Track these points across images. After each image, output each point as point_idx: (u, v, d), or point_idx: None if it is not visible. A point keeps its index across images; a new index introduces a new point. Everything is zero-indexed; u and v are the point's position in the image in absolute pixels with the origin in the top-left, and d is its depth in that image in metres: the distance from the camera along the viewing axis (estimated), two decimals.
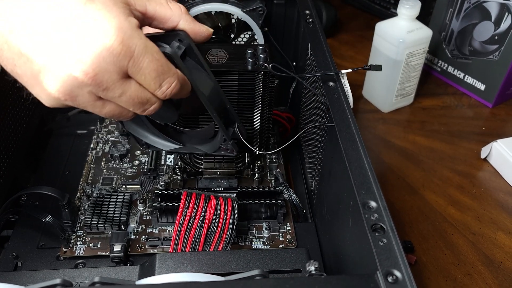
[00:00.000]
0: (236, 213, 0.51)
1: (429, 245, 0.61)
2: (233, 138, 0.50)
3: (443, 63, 0.90)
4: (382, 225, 0.34)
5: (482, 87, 0.85)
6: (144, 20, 0.37)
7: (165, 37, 0.40)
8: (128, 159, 0.65)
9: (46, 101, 0.34)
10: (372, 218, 0.34)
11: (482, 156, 0.74)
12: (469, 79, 0.87)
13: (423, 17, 0.93)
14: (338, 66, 0.97)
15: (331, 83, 0.48)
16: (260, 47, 0.53)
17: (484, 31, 0.81)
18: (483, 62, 0.83)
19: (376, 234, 0.34)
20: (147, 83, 0.34)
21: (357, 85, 0.89)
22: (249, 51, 0.52)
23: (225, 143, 0.51)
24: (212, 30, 0.41)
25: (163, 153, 0.66)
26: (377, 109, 0.84)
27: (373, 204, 0.35)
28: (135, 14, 0.35)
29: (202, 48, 0.53)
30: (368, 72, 0.84)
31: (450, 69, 0.89)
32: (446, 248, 0.61)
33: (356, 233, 0.37)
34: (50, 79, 0.32)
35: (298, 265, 0.47)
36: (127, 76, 0.33)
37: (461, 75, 0.88)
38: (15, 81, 0.35)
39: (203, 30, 0.40)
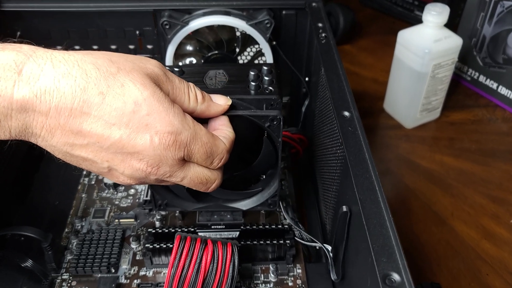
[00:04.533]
0: (236, 260, 0.44)
1: None
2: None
3: (473, 71, 0.82)
4: None
5: None
6: None
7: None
8: (123, 188, 0.59)
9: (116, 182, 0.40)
10: None
11: None
12: (503, 90, 0.78)
13: (451, 20, 0.85)
14: (356, 75, 0.90)
15: (346, 113, 0.41)
16: (265, 68, 0.46)
17: None
18: None
19: None
20: (201, 162, 0.38)
21: (377, 96, 0.81)
22: (252, 73, 0.45)
23: (273, 198, 0.50)
24: (230, 102, 0.41)
25: None
26: (400, 124, 0.76)
27: (396, 277, 0.28)
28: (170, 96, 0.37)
29: (200, 70, 0.47)
30: (390, 83, 0.76)
31: (482, 78, 0.81)
32: None
33: None
34: (119, 176, 0.37)
35: None
36: (185, 161, 0.37)
37: (494, 85, 0.79)
38: None
39: (219, 111, 0.41)
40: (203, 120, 0.39)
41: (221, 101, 0.40)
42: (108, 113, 0.33)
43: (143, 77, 0.34)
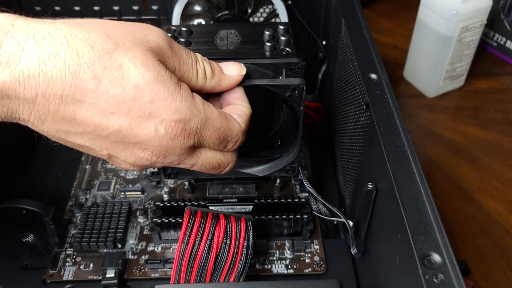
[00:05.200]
0: (251, 236, 0.41)
1: (489, 266, 0.51)
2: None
3: (500, 36, 0.77)
4: None
5: None
6: None
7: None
8: None
9: None
10: (435, 280, 0.24)
11: None
12: None
13: None
14: (374, 41, 0.85)
15: (373, 76, 0.37)
16: (282, 27, 0.42)
17: None
18: None
19: None
20: (213, 147, 0.34)
21: (397, 63, 0.77)
22: (267, 33, 0.41)
23: (292, 164, 0.45)
24: (244, 71, 0.36)
25: None
26: (421, 93, 0.72)
27: (436, 258, 0.25)
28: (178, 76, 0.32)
29: (210, 30, 0.43)
30: (412, 49, 0.71)
31: (509, 44, 0.76)
32: (510, 270, 0.50)
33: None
34: (121, 163, 0.33)
35: None
36: (195, 147, 0.33)
37: None
38: None
39: (232, 84, 0.36)
40: (215, 93, 0.35)
41: (234, 72, 0.35)
42: (104, 100, 0.28)
43: (145, 54, 0.29)
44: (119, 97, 0.28)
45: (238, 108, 0.35)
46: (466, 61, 0.68)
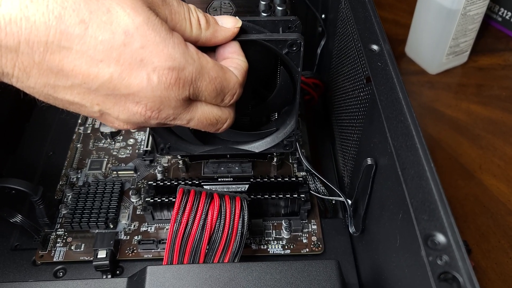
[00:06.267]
0: (246, 216, 0.40)
1: (490, 246, 0.49)
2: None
3: (505, 11, 0.74)
4: (456, 275, 0.22)
5: None
6: None
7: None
8: (121, 137, 0.54)
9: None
10: (439, 262, 0.23)
11: None
12: None
13: None
14: None
15: (374, 47, 0.35)
16: None
17: None
18: None
19: (445, 284, 0.22)
20: (210, 101, 0.33)
21: (398, 39, 0.74)
22: (263, 3, 0.39)
23: (289, 138, 0.44)
24: (240, 24, 0.34)
25: None
26: (423, 70, 0.70)
27: (440, 238, 0.24)
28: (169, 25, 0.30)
29: (203, 0, 0.41)
30: (414, 24, 0.69)
31: None
32: None
33: (413, 273, 0.25)
34: (114, 121, 0.31)
35: (326, 284, 0.36)
36: (191, 100, 0.32)
37: None
38: None
39: (228, 36, 0.34)
40: (210, 48, 0.33)
41: (230, 24, 0.33)
42: (93, 47, 0.26)
43: None
44: (108, 43, 0.26)
45: (234, 61, 0.33)
46: (470, 36, 0.66)
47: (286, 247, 0.45)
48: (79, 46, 0.26)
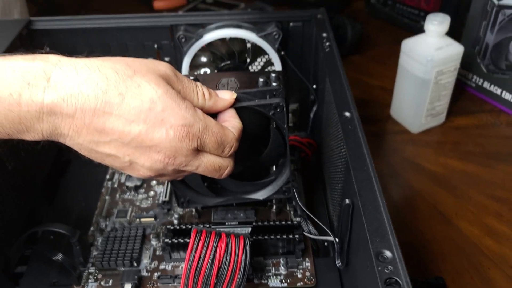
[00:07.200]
0: (248, 252, 0.48)
1: (464, 282, 0.56)
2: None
3: (478, 78, 0.85)
4: (397, 279, 0.30)
5: None
6: None
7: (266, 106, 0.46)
8: (143, 190, 0.64)
9: (137, 177, 0.44)
10: (386, 270, 0.31)
11: None
12: (507, 95, 0.81)
13: (456, 29, 0.88)
14: (365, 84, 0.94)
15: (347, 114, 0.45)
16: (273, 75, 0.50)
17: None
18: None
19: None
20: (213, 151, 0.41)
21: (384, 103, 0.85)
22: (261, 80, 0.49)
23: (287, 185, 0.53)
24: (235, 96, 0.45)
25: None
26: (406, 129, 0.80)
27: (388, 254, 0.32)
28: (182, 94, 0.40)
29: (214, 78, 0.51)
30: (396, 91, 0.80)
31: (486, 84, 0.84)
32: (482, 284, 0.56)
33: (370, 285, 0.33)
34: (140, 169, 0.40)
35: None
36: (198, 150, 0.41)
37: (498, 91, 0.82)
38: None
39: (226, 105, 0.44)
40: (213, 115, 0.43)
41: (227, 96, 0.44)
42: (127, 111, 0.36)
43: (156, 77, 0.38)
44: (138, 108, 0.36)
45: (231, 122, 0.43)
46: (444, 101, 0.76)
47: (283, 281, 0.52)
48: (118, 111, 0.36)
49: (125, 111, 0.36)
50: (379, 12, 1.09)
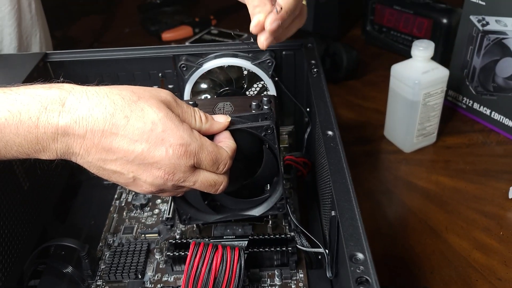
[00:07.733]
0: (243, 262, 0.52)
1: None
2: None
3: (468, 100, 0.89)
4: (367, 278, 0.34)
5: (510, 123, 0.82)
6: None
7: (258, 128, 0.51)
8: (148, 208, 0.68)
9: (140, 192, 0.47)
10: (358, 270, 0.35)
11: (511, 196, 0.71)
12: (496, 115, 0.84)
13: (447, 54, 0.93)
14: (360, 106, 0.98)
15: (329, 133, 0.49)
16: (265, 99, 0.55)
17: (506, 67, 0.80)
18: (508, 98, 0.81)
19: (361, 287, 0.34)
20: (209, 168, 0.45)
21: (378, 124, 0.89)
22: (254, 103, 0.54)
23: (281, 201, 0.56)
24: (229, 119, 0.49)
25: None
26: (399, 149, 0.83)
27: (360, 256, 0.36)
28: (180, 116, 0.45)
29: (211, 103, 0.56)
30: (388, 113, 0.84)
31: (476, 105, 0.88)
32: None
33: (346, 285, 0.37)
34: (142, 184, 0.44)
35: None
36: (195, 167, 0.44)
37: (488, 112, 0.86)
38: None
39: (221, 128, 0.48)
40: (209, 137, 0.48)
41: (222, 119, 0.48)
42: (132, 132, 0.41)
43: (158, 102, 0.43)
44: (141, 129, 0.41)
45: (225, 143, 0.48)
46: (434, 121, 0.80)
47: None
48: (123, 132, 0.41)
49: (129, 131, 0.41)
50: (375, 39, 1.14)
